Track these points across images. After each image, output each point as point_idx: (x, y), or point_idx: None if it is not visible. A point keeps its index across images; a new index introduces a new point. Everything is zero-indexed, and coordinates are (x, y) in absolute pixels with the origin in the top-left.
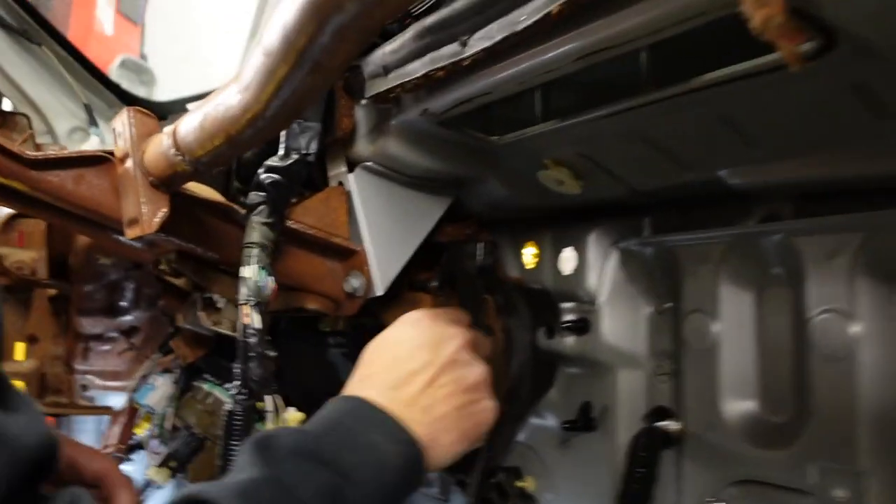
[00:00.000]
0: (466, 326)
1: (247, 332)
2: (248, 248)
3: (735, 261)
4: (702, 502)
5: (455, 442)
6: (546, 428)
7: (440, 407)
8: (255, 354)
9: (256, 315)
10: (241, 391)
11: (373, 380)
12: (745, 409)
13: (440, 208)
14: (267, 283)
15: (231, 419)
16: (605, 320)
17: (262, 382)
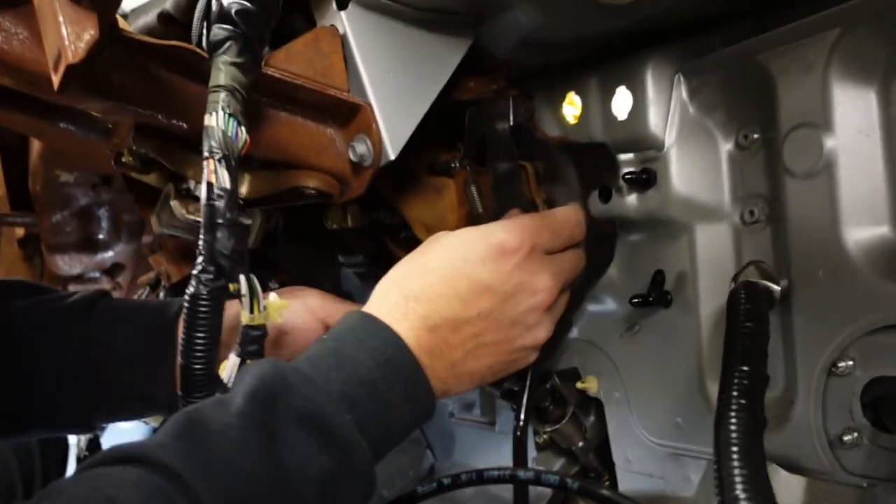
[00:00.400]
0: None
1: (212, 193)
2: (214, 93)
3: (848, 51)
4: (826, 368)
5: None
6: (607, 315)
7: (473, 363)
8: (223, 221)
9: (224, 172)
10: (207, 269)
11: (418, 307)
12: (876, 237)
13: (457, 51)
14: (238, 134)
15: (194, 305)
16: (675, 167)
17: (234, 257)
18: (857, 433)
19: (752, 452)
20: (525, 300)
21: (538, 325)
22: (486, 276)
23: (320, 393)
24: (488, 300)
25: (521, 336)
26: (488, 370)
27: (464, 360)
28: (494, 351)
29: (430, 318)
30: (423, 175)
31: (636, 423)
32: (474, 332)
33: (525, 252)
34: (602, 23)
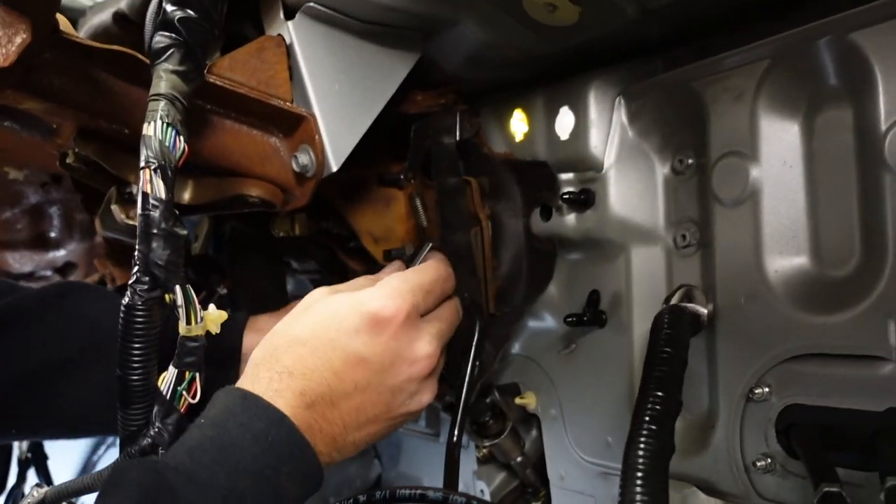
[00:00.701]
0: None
1: (148, 204)
2: (153, 102)
3: (776, 82)
4: (745, 394)
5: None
6: (547, 332)
7: (355, 434)
8: (158, 232)
9: (160, 182)
10: (141, 279)
11: (292, 383)
12: (794, 267)
13: (405, 65)
14: (176, 144)
15: (129, 316)
16: (613, 188)
17: (169, 268)
18: (771, 459)
19: (655, 478)
20: (405, 370)
21: (420, 392)
22: (361, 348)
23: (204, 496)
24: (364, 372)
25: (405, 404)
26: (372, 437)
27: (344, 434)
28: (376, 421)
29: (306, 394)
30: (374, 186)
31: (570, 440)
32: (353, 405)
33: (400, 320)
34: (546, 43)
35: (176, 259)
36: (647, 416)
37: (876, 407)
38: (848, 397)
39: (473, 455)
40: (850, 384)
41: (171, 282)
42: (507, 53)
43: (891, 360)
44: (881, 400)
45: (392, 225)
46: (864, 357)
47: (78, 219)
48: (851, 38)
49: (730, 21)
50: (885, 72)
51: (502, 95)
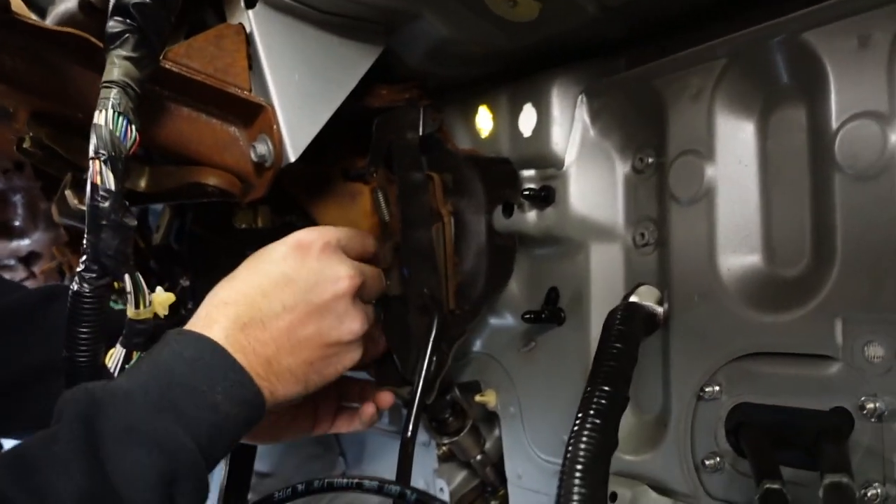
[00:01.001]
0: (363, 262)
1: (97, 194)
2: (105, 89)
3: (732, 81)
4: (696, 392)
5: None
6: (507, 329)
7: (289, 359)
8: (107, 223)
9: (109, 173)
10: (90, 268)
11: (227, 310)
12: (747, 266)
13: (367, 58)
14: (127, 133)
15: (77, 302)
16: (574, 186)
17: (118, 257)
18: (720, 458)
19: (595, 473)
20: (329, 287)
21: (348, 315)
22: (286, 269)
23: (139, 405)
24: (290, 292)
25: (335, 327)
26: (309, 366)
27: (278, 356)
28: (309, 345)
29: (239, 318)
30: (338, 181)
31: (528, 438)
32: (283, 325)
33: (320, 244)
34: (509, 39)
35: (125, 249)
36: (593, 410)
37: (822, 406)
38: (795, 396)
39: (434, 453)
40: (798, 383)
41: (119, 271)
42: (471, 49)
43: (837, 359)
44: (827, 399)
45: (356, 220)
46: (812, 356)
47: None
48: (804, 37)
49: (690, 20)
50: (837, 71)
51: (467, 91)
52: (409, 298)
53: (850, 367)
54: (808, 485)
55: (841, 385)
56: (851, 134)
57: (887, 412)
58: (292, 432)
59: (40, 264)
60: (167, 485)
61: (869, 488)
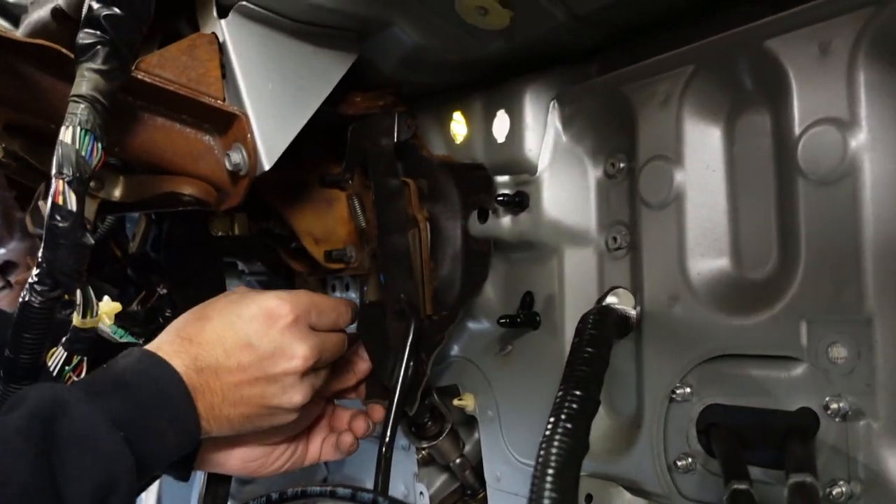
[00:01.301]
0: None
1: (56, 215)
2: (73, 104)
3: (699, 87)
4: (668, 394)
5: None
6: (484, 333)
7: (230, 409)
8: (65, 242)
9: (72, 195)
10: (44, 282)
11: (190, 349)
12: (715, 269)
13: (340, 66)
14: (93, 152)
15: (25, 311)
16: (547, 191)
17: (72, 275)
18: (692, 458)
19: (566, 476)
20: (282, 363)
21: (293, 389)
22: (251, 334)
23: (99, 418)
24: (248, 355)
25: (277, 395)
26: (245, 419)
27: (221, 405)
28: (251, 403)
29: (198, 360)
30: (315, 187)
31: (505, 441)
32: (233, 381)
33: (289, 320)
34: (481, 47)
35: (80, 267)
36: (564, 414)
37: (789, 406)
38: (763, 397)
39: (415, 458)
40: (766, 384)
41: (73, 286)
42: (444, 56)
43: (802, 360)
44: (793, 399)
45: (333, 226)
46: (778, 357)
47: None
48: (767, 45)
49: (659, 27)
50: (799, 78)
51: (441, 98)
52: (387, 304)
53: (814, 368)
54: (776, 484)
55: (806, 386)
56: (813, 140)
57: (851, 412)
58: (287, 464)
59: (16, 274)
60: (101, 496)
61: (834, 486)
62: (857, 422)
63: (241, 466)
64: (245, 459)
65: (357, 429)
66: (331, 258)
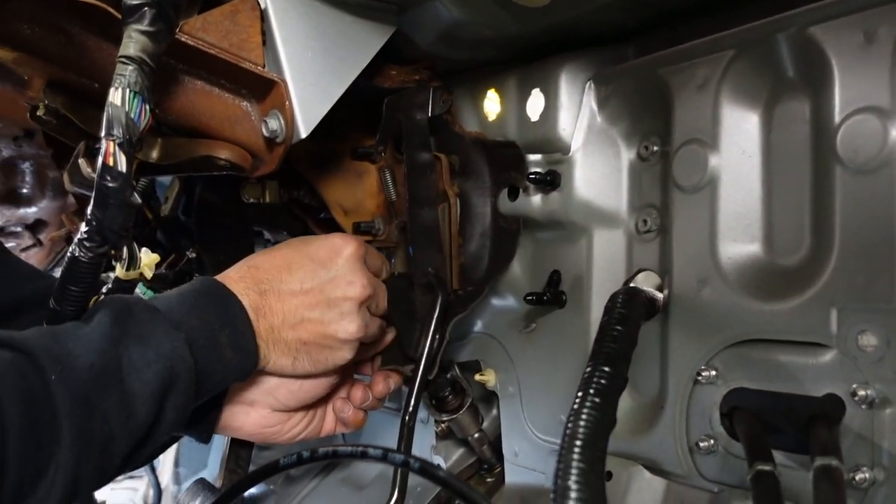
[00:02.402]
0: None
1: (106, 175)
2: (122, 65)
3: (739, 73)
4: (692, 376)
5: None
6: (509, 311)
7: (289, 332)
8: (114, 202)
9: (122, 156)
10: (93, 238)
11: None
12: (747, 254)
13: (379, 37)
14: (141, 114)
15: (73, 265)
16: (579, 171)
17: (120, 233)
18: (714, 440)
19: (594, 449)
20: (342, 287)
21: (349, 316)
22: (316, 260)
23: (162, 321)
24: (312, 279)
25: (335, 321)
26: (303, 346)
27: (281, 327)
28: (309, 327)
29: (262, 283)
30: (346, 159)
31: (525, 417)
32: (296, 303)
33: (351, 251)
34: (520, 24)
35: (128, 225)
36: (593, 388)
37: (815, 392)
38: (789, 382)
39: (433, 430)
40: (792, 369)
41: (120, 243)
42: (482, 32)
43: (831, 347)
44: (820, 385)
45: (362, 198)
46: (807, 343)
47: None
48: (811, 31)
49: (700, 10)
50: (841, 66)
51: (476, 75)
52: (414, 277)
53: (843, 355)
54: (799, 468)
55: (834, 372)
56: (853, 128)
57: (878, 399)
58: (303, 433)
59: (47, 232)
60: (163, 391)
61: (857, 472)
62: (884, 409)
63: (258, 431)
64: (262, 425)
65: (354, 398)
66: (359, 230)
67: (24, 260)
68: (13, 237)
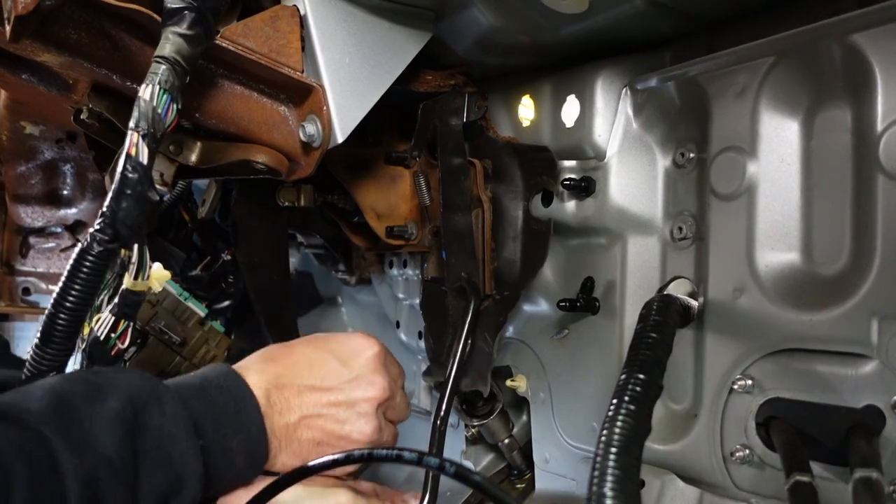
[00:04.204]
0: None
1: (128, 165)
2: (155, 64)
3: (779, 80)
4: (728, 385)
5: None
6: (541, 317)
7: (305, 432)
8: (131, 193)
9: (145, 148)
10: (105, 231)
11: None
12: (785, 263)
13: (416, 43)
14: (168, 111)
15: (80, 258)
16: (614, 178)
17: (134, 228)
18: (749, 450)
19: (629, 456)
20: (363, 388)
21: (367, 418)
22: (339, 356)
23: (182, 416)
24: (333, 376)
25: (351, 421)
26: (315, 446)
27: (297, 425)
28: (325, 427)
29: (280, 377)
30: (380, 163)
31: (556, 423)
32: (314, 399)
33: (374, 353)
34: (557, 30)
35: (142, 221)
36: (628, 396)
37: (854, 403)
38: (828, 393)
39: (463, 436)
40: (832, 380)
41: (132, 240)
42: (518, 39)
43: (871, 357)
44: (859, 396)
45: (396, 202)
46: (847, 354)
47: (90, 178)
48: (854, 39)
49: (738, 17)
50: (885, 74)
51: (510, 81)
52: (447, 282)
53: (884, 367)
54: (837, 480)
55: (874, 383)
56: None
57: None
58: None
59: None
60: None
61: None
62: None
63: None
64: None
65: None
66: (392, 234)
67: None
68: (53, 237)
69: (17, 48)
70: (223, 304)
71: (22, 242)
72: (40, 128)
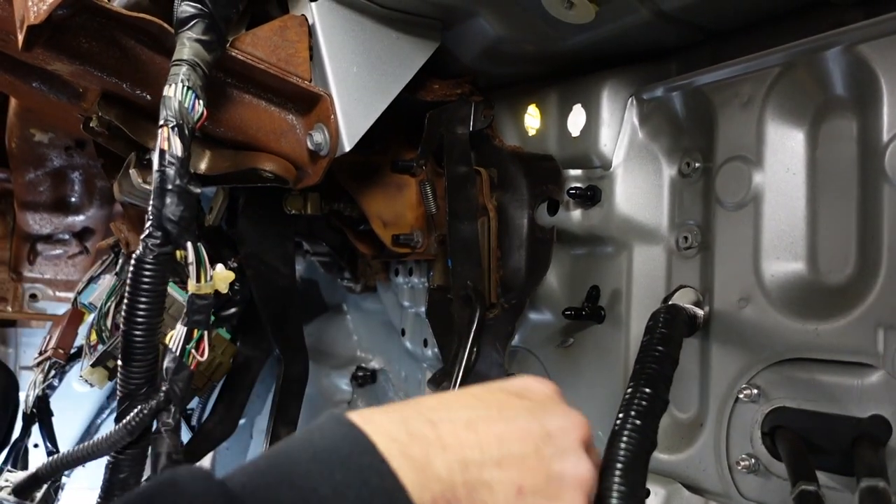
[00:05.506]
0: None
1: (164, 160)
2: (175, 66)
3: (784, 90)
4: (733, 395)
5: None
6: (546, 325)
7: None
8: (172, 188)
9: (177, 140)
10: (154, 234)
11: (440, 426)
12: (790, 272)
13: (423, 53)
14: (195, 106)
15: (139, 268)
16: (620, 187)
17: (181, 224)
18: (755, 459)
19: (634, 471)
20: (559, 418)
21: (577, 453)
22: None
23: None
24: (516, 409)
25: (556, 457)
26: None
27: (481, 463)
28: (524, 462)
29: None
30: (386, 172)
31: None
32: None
33: (553, 391)
34: (563, 40)
35: (189, 216)
36: (634, 411)
37: (860, 413)
38: (834, 402)
39: None
40: (837, 390)
41: (182, 238)
42: (524, 48)
43: (877, 367)
44: (865, 406)
45: (402, 211)
46: (852, 364)
47: (98, 186)
48: (860, 49)
49: (742, 28)
50: (891, 84)
51: (517, 90)
52: (453, 290)
53: (890, 376)
54: (843, 489)
55: (880, 393)
56: None
57: None
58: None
59: (94, 240)
60: None
61: None
62: None
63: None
64: None
65: None
66: (398, 242)
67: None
68: (61, 244)
69: (29, 57)
70: (229, 311)
71: (30, 249)
72: (49, 135)
